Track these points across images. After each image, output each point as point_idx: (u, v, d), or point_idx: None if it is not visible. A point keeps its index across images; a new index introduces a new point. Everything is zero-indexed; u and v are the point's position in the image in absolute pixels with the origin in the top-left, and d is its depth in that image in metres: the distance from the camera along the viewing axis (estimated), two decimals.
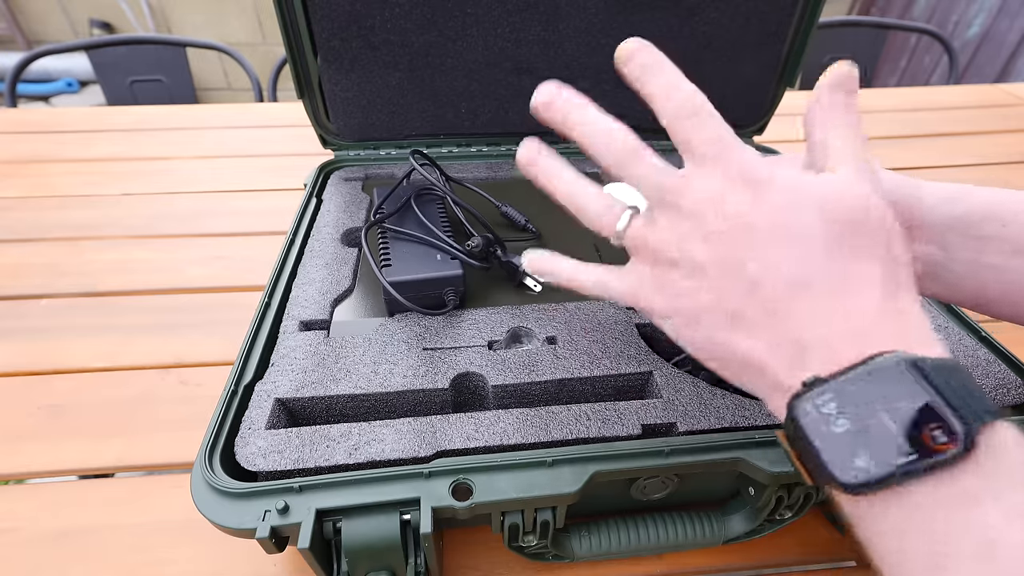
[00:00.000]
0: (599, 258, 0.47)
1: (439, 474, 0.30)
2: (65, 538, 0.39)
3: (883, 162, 0.31)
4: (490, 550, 0.38)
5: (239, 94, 2.62)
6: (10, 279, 0.62)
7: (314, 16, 0.52)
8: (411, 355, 0.38)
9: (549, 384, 0.37)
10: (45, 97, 2.47)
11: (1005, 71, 1.89)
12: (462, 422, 0.34)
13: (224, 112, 1.01)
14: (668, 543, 0.36)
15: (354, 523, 0.29)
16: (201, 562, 0.37)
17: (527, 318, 0.41)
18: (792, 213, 0.22)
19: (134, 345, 0.54)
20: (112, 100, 1.28)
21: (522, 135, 0.63)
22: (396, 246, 0.43)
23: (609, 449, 0.32)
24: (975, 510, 0.17)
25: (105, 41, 1.22)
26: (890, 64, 2.31)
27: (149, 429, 0.46)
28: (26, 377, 0.51)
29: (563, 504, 0.31)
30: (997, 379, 0.37)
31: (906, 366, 0.18)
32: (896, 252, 0.22)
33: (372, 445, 0.32)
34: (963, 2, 1.99)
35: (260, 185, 0.80)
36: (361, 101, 0.58)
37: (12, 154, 0.86)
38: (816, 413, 0.19)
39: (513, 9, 0.53)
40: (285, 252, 0.48)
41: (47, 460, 0.44)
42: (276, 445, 0.32)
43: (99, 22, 2.41)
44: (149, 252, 0.66)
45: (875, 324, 0.21)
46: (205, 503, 0.29)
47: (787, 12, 0.57)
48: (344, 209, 0.54)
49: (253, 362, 0.38)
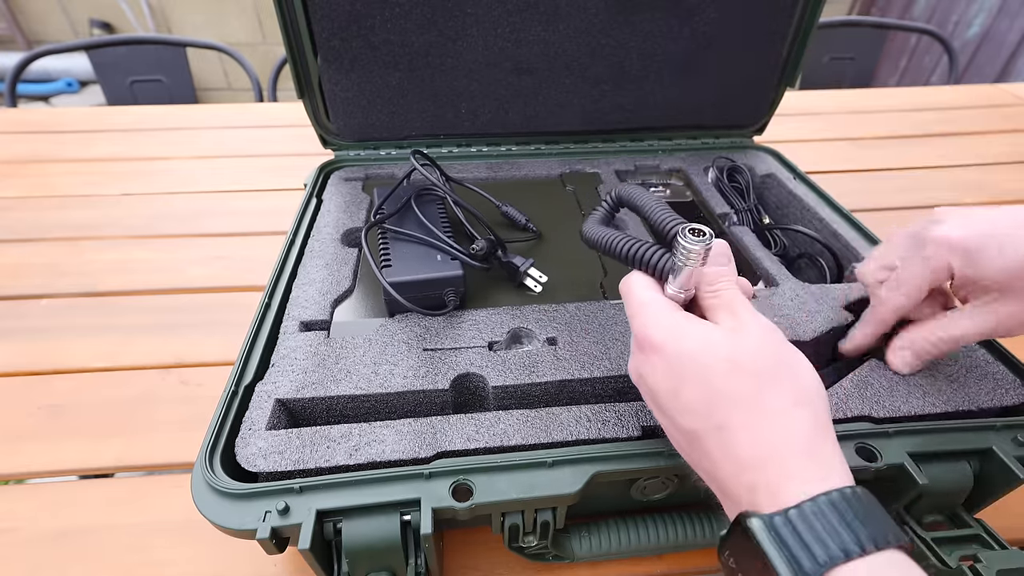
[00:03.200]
0: (604, 272, 0.47)
1: (439, 475, 0.30)
2: (65, 538, 0.39)
3: (883, 162, 0.31)
4: (490, 550, 0.38)
5: (239, 94, 2.61)
6: (10, 279, 0.62)
7: (314, 16, 0.52)
8: (411, 356, 0.38)
9: (549, 385, 0.37)
10: (45, 97, 2.47)
11: (1005, 71, 1.89)
12: (462, 423, 0.34)
13: (224, 112, 1.01)
14: (668, 543, 0.36)
15: (354, 524, 0.29)
16: (201, 562, 0.37)
17: (527, 319, 0.41)
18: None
19: (134, 345, 0.54)
20: (112, 100, 1.28)
21: (522, 135, 0.64)
22: (396, 246, 0.43)
23: (609, 450, 0.32)
24: None
25: (105, 41, 1.21)
26: (890, 64, 2.31)
27: (149, 429, 0.46)
28: (26, 377, 0.51)
29: (563, 505, 0.31)
30: (996, 379, 0.37)
31: (764, 526, 0.22)
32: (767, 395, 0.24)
33: (372, 446, 0.32)
34: (963, 2, 1.99)
35: (260, 185, 0.80)
36: (361, 101, 0.58)
37: (12, 154, 0.86)
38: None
39: (513, 9, 0.53)
40: (285, 252, 0.48)
41: (47, 460, 0.44)
42: (276, 446, 0.32)
43: (99, 22, 2.41)
44: (149, 252, 0.66)
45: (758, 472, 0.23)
46: (205, 504, 0.29)
47: (787, 12, 0.57)
48: (344, 209, 0.54)
49: (253, 362, 0.38)
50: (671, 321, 0.27)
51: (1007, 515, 0.37)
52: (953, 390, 0.36)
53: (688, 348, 0.26)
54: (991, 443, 0.33)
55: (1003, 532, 0.33)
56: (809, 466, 0.23)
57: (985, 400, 0.36)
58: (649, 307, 0.28)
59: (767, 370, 0.24)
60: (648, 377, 0.28)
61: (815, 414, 0.24)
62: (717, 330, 0.26)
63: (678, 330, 0.26)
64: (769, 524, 0.22)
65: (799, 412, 0.24)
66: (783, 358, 0.25)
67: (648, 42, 0.57)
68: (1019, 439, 0.33)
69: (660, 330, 0.27)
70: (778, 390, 0.24)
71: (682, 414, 0.26)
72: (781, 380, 0.24)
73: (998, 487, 0.33)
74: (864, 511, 0.21)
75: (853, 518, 0.21)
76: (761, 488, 0.23)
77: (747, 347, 0.25)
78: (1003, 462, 0.32)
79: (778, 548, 0.21)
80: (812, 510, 0.21)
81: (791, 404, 0.24)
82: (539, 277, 0.45)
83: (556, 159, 0.63)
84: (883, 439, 0.33)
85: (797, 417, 0.24)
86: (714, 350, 0.25)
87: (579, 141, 0.65)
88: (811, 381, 0.25)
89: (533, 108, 0.61)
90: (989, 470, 0.33)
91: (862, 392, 0.36)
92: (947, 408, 0.35)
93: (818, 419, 0.24)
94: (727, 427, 0.24)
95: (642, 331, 0.27)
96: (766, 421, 0.24)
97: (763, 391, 0.24)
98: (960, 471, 0.33)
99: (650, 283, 0.29)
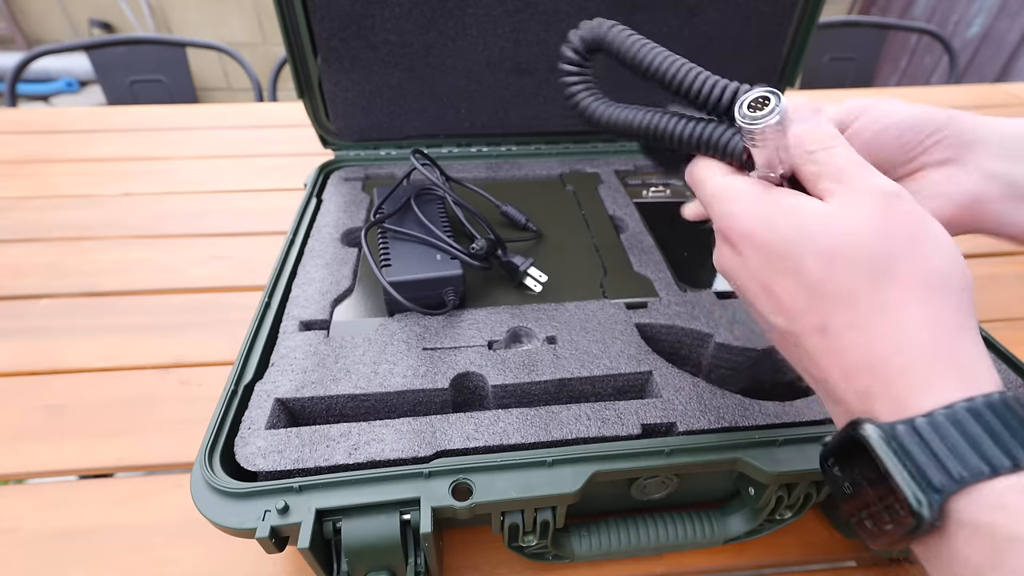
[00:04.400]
0: (603, 272, 0.47)
1: (439, 474, 0.30)
2: (65, 538, 0.39)
3: None
4: (490, 550, 0.38)
5: (239, 94, 2.61)
6: (10, 279, 0.62)
7: (314, 16, 0.52)
8: (411, 355, 0.38)
9: (549, 384, 0.37)
10: (45, 97, 2.47)
11: (1005, 71, 1.89)
12: (462, 422, 0.34)
13: (224, 112, 1.01)
14: (668, 543, 0.36)
15: (354, 523, 0.29)
16: (201, 562, 0.37)
17: (527, 318, 0.41)
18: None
19: (134, 345, 0.54)
20: (112, 100, 1.28)
21: (522, 135, 0.64)
22: (396, 246, 0.43)
23: (609, 449, 0.32)
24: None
25: (105, 41, 1.22)
26: (890, 64, 2.31)
27: (149, 429, 0.46)
28: (26, 377, 0.51)
29: (563, 504, 0.31)
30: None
31: (883, 436, 0.19)
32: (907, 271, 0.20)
33: (372, 445, 0.32)
34: (963, 2, 1.99)
35: (260, 185, 0.80)
36: (361, 101, 0.58)
37: (12, 154, 0.86)
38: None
39: (513, 9, 0.53)
40: (285, 252, 0.48)
41: (47, 460, 0.44)
42: (276, 445, 0.32)
43: (99, 22, 2.41)
44: (150, 252, 0.66)
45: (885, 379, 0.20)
46: (205, 503, 0.29)
47: (787, 12, 0.57)
48: (344, 209, 0.54)
49: (253, 362, 0.38)
50: (758, 205, 0.22)
51: None
52: None
53: (781, 237, 0.21)
54: None
55: None
56: (941, 369, 0.19)
57: None
58: (729, 191, 0.23)
59: (881, 254, 0.20)
60: (735, 273, 0.24)
61: (948, 304, 0.20)
62: (817, 209, 0.21)
63: (768, 215, 0.22)
64: (890, 434, 0.18)
65: (927, 303, 0.19)
66: (907, 234, 0.20)
67: None
68: None
69: (745, 219, 0.23)
70: (898, 278, 0.20)
71: (776, 314, 0.22)
72: (901, 263, 0.20)
73: None
74: (1018, 421, 0.18)
75: (1002, 428, 0.17)
76: (878, 395, 0.19)
77: (854, 227, 0.20)
78: None
79: (900, 460, 0.18)
80: (948, 417, 0.18)
81: (916, 294, 0.19)
82: (539, 276, 0.45)
83: (556, 159, 0.63)
84: None
85: (923, 311, 0.19)
86: (812, 237, 0.21)
87: (579, 141, 0.65)
88: (945, 260, 0.20)
89: (533, 108, 0.61)
90: None
91: None
92: None
93: (954, 310, 0.19)
94: (830, 330, 0.20)
95: (724, 221, 0.23)
96: (881, 318, 0.20)
97: (877, 282, 0.20)
98: None
99: (725, 168, 0.25)
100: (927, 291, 0.20)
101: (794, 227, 0.21)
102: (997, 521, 0.17)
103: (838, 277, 0.20)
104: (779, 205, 0.22)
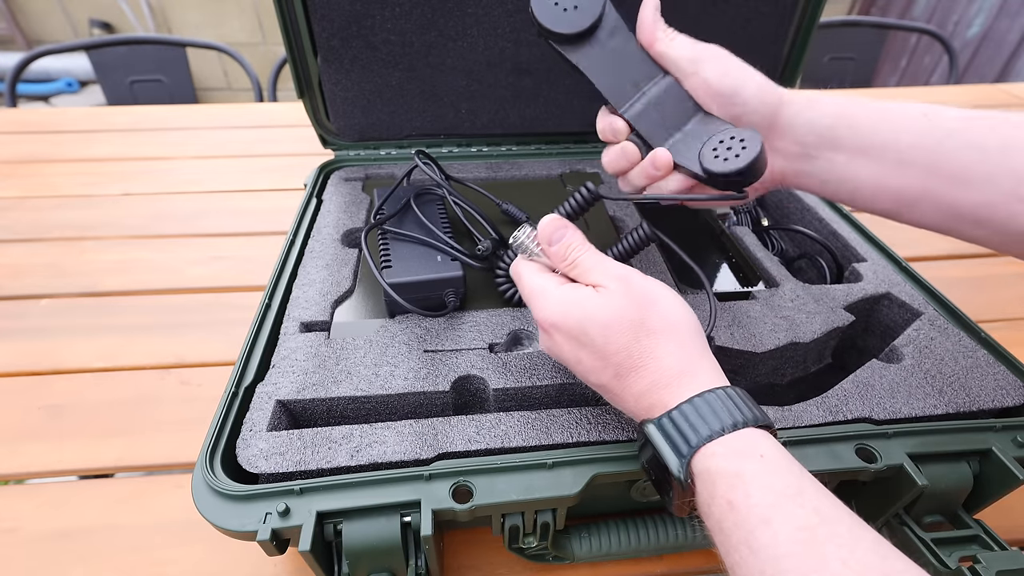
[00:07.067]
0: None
1: (440, 476, 0.30)
2: (65, 538, 0.39)
3: None
4: (490, 551, 0.38)
5: (239, 94, 2.61)
6: (10, 279, 0.62)
7: (314, 16, 0.52)
8: (412, 357, 0.38)
9: (550, 388, 0.37)
10: (45, 97, 2.47)
11: (1005, 71, 1.89)
12: (463, 424, 0.34)
13: (224, 112, 1.01)
14: (668, 544, 0.36)
15: (355, 525, 0.29)
16: (201, 562, 0.38)
17: (528, 320, 0.41)
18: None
19: (134, 345, 0.54)
20: (112, 100, 1.28)
21: (522, 135, 0.64)
22: (396, 247, 0.43)
23: (609, 452, 0.32)
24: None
25: (105, 41, 1.21)
26: (890, 64, 2.30)
27: (149, 429, 0.46)
28: (26, 377, 0.51)
29: (563, 506, 0.31)
30: (996, 380, 0.37)
31: (655, 427, 0.27)
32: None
33: (374, 447, 0.32)
34: (963, 2, 1.99)
35: (260, 185, 0.80)
36: (361, 101, 0.58)
37: (12, 154, 0.86)
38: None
39: (513, 9, 0.53)
40: (285, 252, 0.48)
41: (47, 460, 0.44)
42: (277, 447, 0.32)
43: (99, 22, 2.41)
44: (149, 252, 0.66)
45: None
46: (206, 505, 0.29)
47: (788, 13, 0.57)
48: (344, 209, 0.54)
49: (254, 363, 0.38)
50: (556, 300, 0.31)
51: (1007, 515, 0.37)
52: (953, 391, 0.36)
53: (574, 321, 0.29)
54: (990, 444, 0.33)
55: (1002, 533, 0.33)
56: (687, 380, 0.28)
57: (985, 401, 0.36)
58: (537, 292, 0.32)
59: (635, 318, 0.29)
60: (555, 353, 0.32)
61: (685, 340, 0.29)
62: (591, 297, 0.30)
63: (563, 307, 0.30)
64: (657, 424, 0.27)
65: (670, 343, 0.28)
66: (646, 301, 0.29)
67: None
68: (1019, 440, 0.33)
69: (550, 313, 0.30)
70: (650, 331, 0.29)
71: (588, 375, 0.30)
72: (648, 321, 0.29)
73: (997, 488, 0.33)
74: (729, 403, 0.26)
75: (722, 407, 0.26)
76: (656, 406, 0.28)
77: (615, 305, 0.29)
78: (1002, 463, 0.32)
79: (664, 439, 0.27)
80: (687, 408, 0.26)
81: (663, 338, 0.28)
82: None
83: (556, 159, 0.63)
84: (882, 440, 0.33)
85: (669, 349, 0.28)
86: (593, 318, 0.29)
87: (579, 141, 0.65)
88: (676, 313, 0.29)
89: (533, 108, 0.61)
90: (988, 471, 0.33)
91: (863, 394, 0.36)
92: (947, 409, 0.35)
93: (690, 343, 0.29)
94: (620, 375, 0.29)
95: (538, 315, 0.31)
96: (647, 358, 0.28)
97: (638, 336, 0.28)
98: (959, 472, 0.33)
99: (534, 266, 0.34)
100: (669, 335, 0.29)
101: (580, 313, 0.29)
102: (710, 466, 0.25)
103: (615, 340, 0.29)
104: (568, 298, 0.30)
